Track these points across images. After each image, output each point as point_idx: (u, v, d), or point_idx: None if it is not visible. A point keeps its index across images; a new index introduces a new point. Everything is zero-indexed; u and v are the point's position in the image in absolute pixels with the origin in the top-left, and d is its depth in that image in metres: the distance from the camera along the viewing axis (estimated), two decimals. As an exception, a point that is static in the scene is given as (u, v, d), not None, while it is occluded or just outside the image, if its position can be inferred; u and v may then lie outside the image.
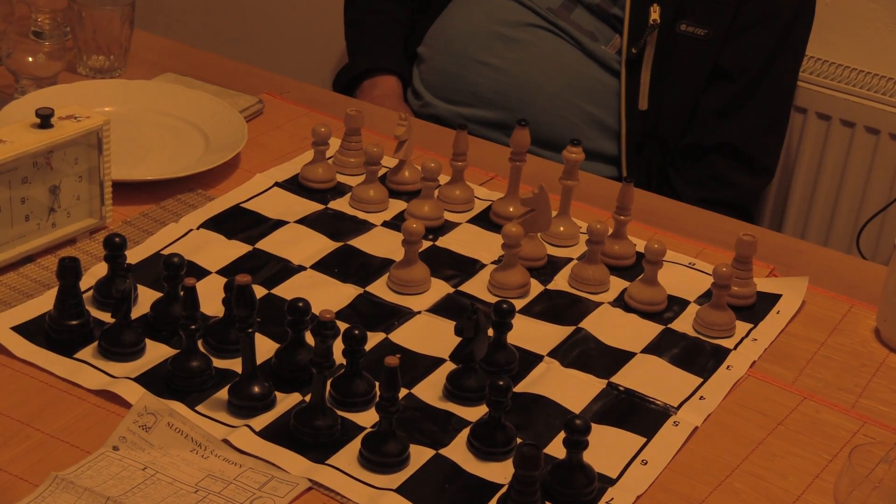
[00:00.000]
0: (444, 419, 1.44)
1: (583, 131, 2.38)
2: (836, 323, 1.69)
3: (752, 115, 2.44)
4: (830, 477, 1.39)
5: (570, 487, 1.33)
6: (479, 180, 1.94)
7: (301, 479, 1.33)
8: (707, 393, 1.53)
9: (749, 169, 2.46)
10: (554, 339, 1.59)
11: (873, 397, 1.55)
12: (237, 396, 1.41)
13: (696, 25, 2.37)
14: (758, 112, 2.44)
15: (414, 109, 2.50)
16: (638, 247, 1.77)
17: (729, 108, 2.42)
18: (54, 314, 1.51)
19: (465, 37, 2.47)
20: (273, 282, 1.65)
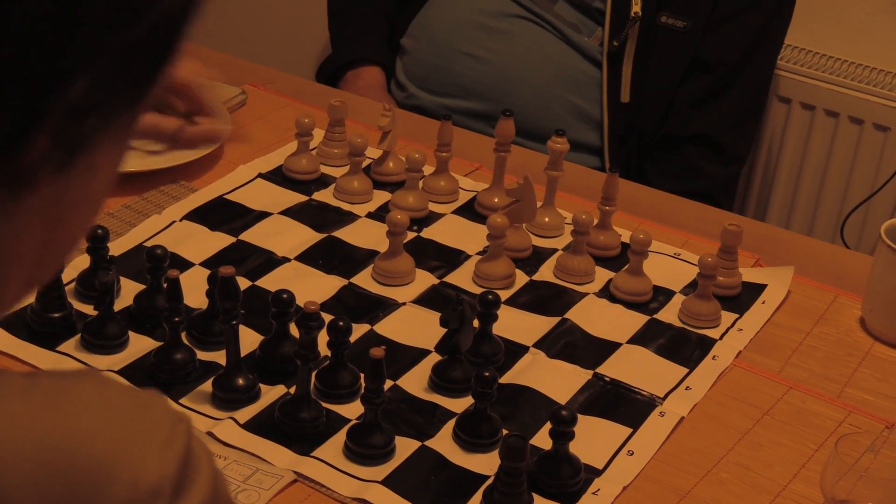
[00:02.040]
0: (429, 411, 1.44)
1: (567, 122, 2.38)
2: (821, 312, 1.69)
3: (728, 106, 2.44)
4: (816, 466, 1.39)
5: (556, 478, 1.33)
6: (463, 171, 1.93)
7: (286, 472, 1.32)
8: (693, 383, 1.52)
9: (721, 159, 2.45)
10: (539, 330, 1.59)
11: (859, 386, 1.55)
12: (221, 389, 1.41)
13: (677, 18, 2.37)
14: (733, 103, 2.44)
15: (398, 101, 2.49)
16: (623, 237, 1.77)
17: (704, 99, 2.42)
18: (36, 307, 1.50)
19: (448, 28, 2.46)
20: (257, 273, 1.64)
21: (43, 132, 0.66)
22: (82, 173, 0.70)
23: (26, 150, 0.66)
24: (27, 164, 0.67)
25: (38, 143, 0.67)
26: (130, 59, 0.69)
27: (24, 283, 0.75)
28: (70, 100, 0.66)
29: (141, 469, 0.69)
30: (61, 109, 0.66)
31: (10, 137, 0.65)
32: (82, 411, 0.71)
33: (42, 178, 0.68)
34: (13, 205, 0.68)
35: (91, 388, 0.72)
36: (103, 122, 0.69)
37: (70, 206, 0.72)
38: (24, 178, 0.67)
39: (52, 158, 0.68)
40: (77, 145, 0.69)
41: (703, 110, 2.42)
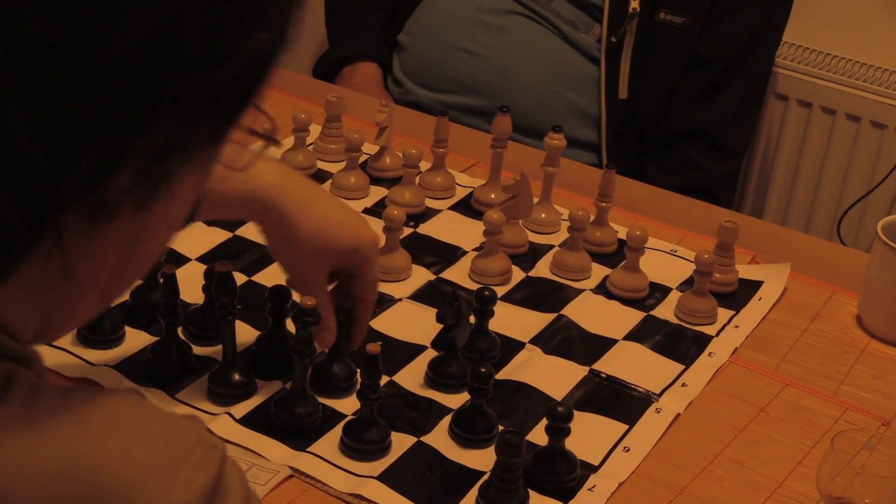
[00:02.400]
0: (425, 406, 1.44)
1: (563, 119, 2.38)
2: (817, 310, 1.69)
3: (726, 102, 2.44)
4: (813, 463, 1.39)
5: (552, 474, 1.33)
6: (460, 167, 1.93)
7: (282, 467, 1.32)
8: (689, 380, 1.52)
9: (719, 154, 2.45)
10: (536, 327, 1.59)
11: (855, 384, 1.55)
12: (217, 384, 1.41)
13: (675, 14, 2.37)
14: (731, 98, 2.44)
15: (394, 97, 2.49)
16: (620, 234, 1.77)
17: (702, 95, 2.42)
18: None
19: (445, 24, 2.46)
20: (253, 268, 1.64)
21: (126, 169, 0.67)
22: (162, 202, 0.71)
23: (110, 187, 0.67)
24: (110, 199, 0.68)
25: (122, 180, 0.67)
26: (216, 100, 0.69)
27: (97, 301, 0.76)
28: (154, 139, 0.67)
29: (163, 495, 0.69)
30: (145, 149, 0.67)
31: (94, 175, 0.66)
32: (111, 431, 0.70)
33: (124, 209, 0.69)
34: (94, 234, 0.69)
35: (124, 409, 0.72)
36: (186, 158, 0.70)
37: (147, 231, 0.73)
38: (107, 211, 0.68)
39: (134, 193, 0.68)
40: (160, 181, 0.69)
41: (701, 106, 2.42)
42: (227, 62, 0.69)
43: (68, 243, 0.68)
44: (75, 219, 0.68)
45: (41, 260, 0.69)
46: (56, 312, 0.74)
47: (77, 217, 0.68)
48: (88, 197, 0.67)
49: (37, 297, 0.72)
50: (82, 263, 0.71)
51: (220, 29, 0.68)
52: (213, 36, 0.68)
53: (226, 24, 0.68)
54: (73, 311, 0.75)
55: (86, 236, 0.70)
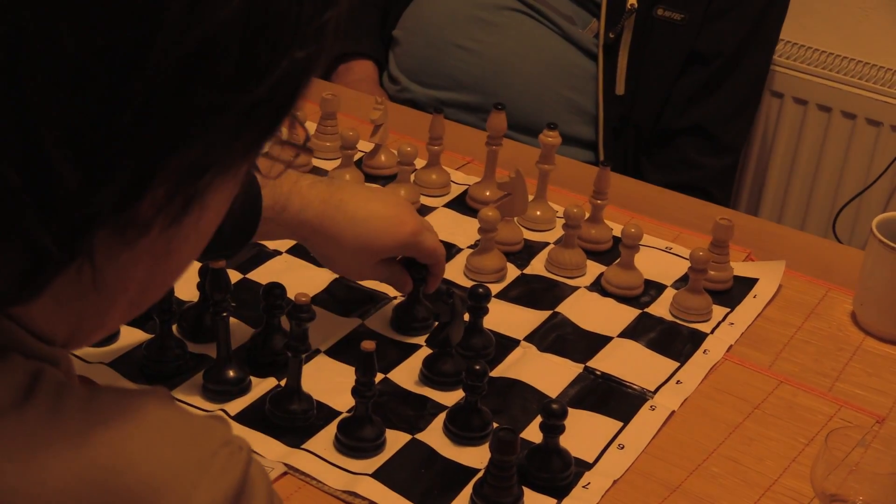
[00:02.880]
0: (420, 404, 1.44)
1: (560, 116, 2.38)
2: (812, 307, 1.69)
3: (723, 98, 2.44)
4: (807, 460, 1.39)
5: (547, 472, 1.33)
6: (455, 164, 1.93)
7: (276, 464, 1.32)
8: (684, 377, 1.52)
9: (714, 150, 2.45)
10: (530, 324, 1.59)
11: (850, 381, 1.55)
12: (212, 381, 1.41)
13: (673, 10, 2.37)
14: (729, 95, 2.44)
15: (390, 94, 2.49)
16: (615, 231, 1.77)
17: (701, 92, 2.42)
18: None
19: (441, 20, 2.46)
20: (248, 266, 1.64)
21: (159, 187, 0.67)
22: (194, 215, 0.71)
23: (142, 205, 0.67)
24: (142, 217, 0.68)
25: (155, 197, 0.67)
26: (251, 117, 0.69)
27: (127, 309, 0.76)
28: (186, 158, 0.67)
29: (188, 496, 0.69)
30: (177, 167, 0.67)
31: (127, 194, 0.66)
32: (137, 432, 0.70)
33: (156, 225, 0.69)
34: (124, 249, 0.69)
35: (151, 409, 0.72)
36: (219, 175, 0.70)
37: (180, 243, 0.74)
38: (138, 228, 0.68)
39: (167, 210, 0.68)
40: (192, 198, 0.69)
41: (697, 102, 2.42)
42: (261, 81, 0.68)
43: (100, 260, 0.68)
44: (107, 235, 0.68)
45: (72, 274, 0.68)
46: (85, 322, 0.74)
47: (109, 234, 0.68)
48: (121, 215, 0.67)
49: (67, 308, 0.72)
50: (112, 275, 0.71)
51: (256, 49, 0.67)
52: (248, 56, 0.67)
53: (261, 44, 0.67)
54: (102, 320, 0.75)
55: (117, 251, 0.70)
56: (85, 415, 0.70)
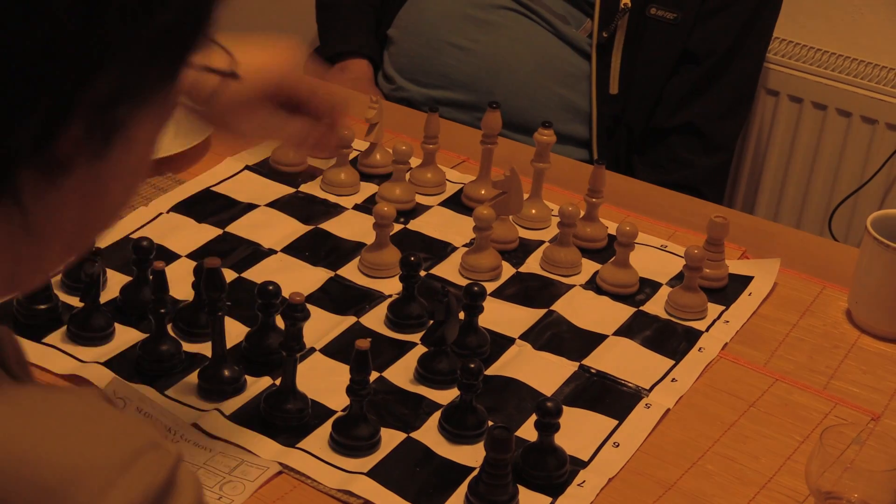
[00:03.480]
0: (415, 402, 1.44)
1: (554, 114, 2.38)
2: (807, 305, 1.69)
3: (715, 97, 2.44)
4: (802, 458, 1.39)
5: (542, 470, 1.33)
6: (450, 163, 1.93)
7: (271, 463, 1.32)
8: (679, 375, 1.52)
9: (705, 149, 2.45)
10: (526, 322, 1.59)
11: (845, 379, 1.55)
12: (207, 380, 1.41)
13: (666, 9, 2.37)
14: (721, 94, 2.44)
15: (385, 93, 2.49)
16: (610, 229, 1.77)
17: (692, 91, 2.42)
18: (22, 298, 1.49)
19: (436, 19, 2.46)
20: (243, 265, 1.64)
21: (76, 122, 0.67)
22: (120, 149, 0.71)
23: (61, 141, 0.67)
24: (63, 153, 0.68)
25: (73, 132, 0.68)
26: (159, 46, 0.70)
27: (64, 252, 0.75)
28: (100, 90, 0.67)
29: (103, 492, 0.68)
30: (92, 99, 0.67)
31: (44, 129, 0.66)
32: (56, 425, 0.70)
33: (79, 161, 0.69)
34: (50, 188, 0.69)
35: (74, 406, 0.72)
36: (136, 107, 0.70)
37: (109, 181, 0.73)
38: (61, 166, 0.69)
39: (87, 145, 0.69)
40: (111, 131, 0.70)
41: (690, 101, 2.42)
42: (166, 8, 0.69)
43: (26, 201, 0.68)
44: (30, 176, 0.68)
45: (1, 218, 0.69)
46: (22, 266, 0.74)
47: (32, 174, 0.68)
48: (41, 153, 0.67)
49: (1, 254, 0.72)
50: (43, 217, 0.71)
51: None
52: None
53: None
54: (39, 264, 0.75)
55: (44, 192, 0.69)
56: (5, 407, 0.70)
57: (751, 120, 2.86)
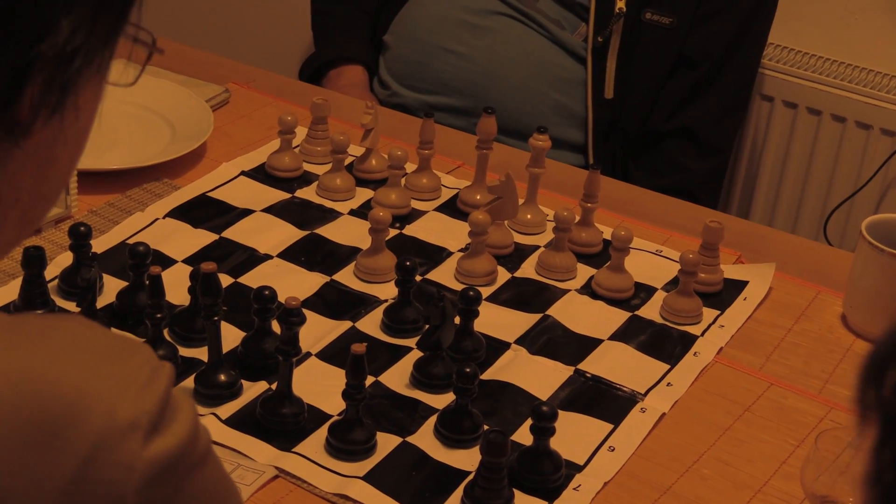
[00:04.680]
0: (410, 407, 1.44)
1: (549, 119, 2.38)
2: (802, 309, 1.69)
3: (711, 101, 2.44)
4: (797, 462, 1.40)
5: (538, 474, 1.33)
6: (445, 168, 1.93)
7: (267, 467, 1.32)
8: (674, 379, 1.53)
9: (701, 153, 2.45)
10: (521, 327, 1.59)
11: (840, 383, 1.56)
12: (203, 384, 1.41)
13: (662, 14, 2.37)
14: (716, 98, 2.44)
15: (380, 99, 2.49)
16: (605, 234, 1.77)
17: (689, 95, 2.42)
18: (19, 304, 1.50)
19: (430, 24, 2.46)
20: (239, 270, 1.64)
21: (36, 79, 0.72)
22: (70, 115, 0.76)
23: (23, 99, 0.72)
24: (24, 112, 0.72)
25: (32, 91, 0.72)
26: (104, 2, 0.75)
27: (19, 225, 0.79)
28: (57, 45, 0.72)
29: (119, 402, 0.72)
30: (50, 54, 0.72)
31: (8, 89, 0.71)
32: (65, 345, 0.74)
33: (35, 124, 0.73)
34: (12, 150, 0.74)
35: (76, 327, 0.76)
36: (86, 63, 0.75)
37: (60, 148, 0.77)
38: (22, 124, 0.73)
39: (45, 103, 0.73)
40: (66, 88, 0.74)
41: (685, 105, 2.42)
42: None
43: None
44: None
45: None
46: None
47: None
48: (5, 111, 0.72)
49: None
50: (4, 182, 0.75)
51: None
52: None
53: None
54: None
55: (6, 154, 0.74)
56: (9, 333, 0.74)
57: (746, 125, 2.86)
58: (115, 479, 0.71)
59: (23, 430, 0.70)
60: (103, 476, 0.71)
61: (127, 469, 0.72)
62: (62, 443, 0.70)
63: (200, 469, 0.77)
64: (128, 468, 0.72)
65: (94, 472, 0.71)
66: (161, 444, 0.73)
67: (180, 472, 0.75)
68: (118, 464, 0.71)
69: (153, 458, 0.73)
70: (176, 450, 0.74)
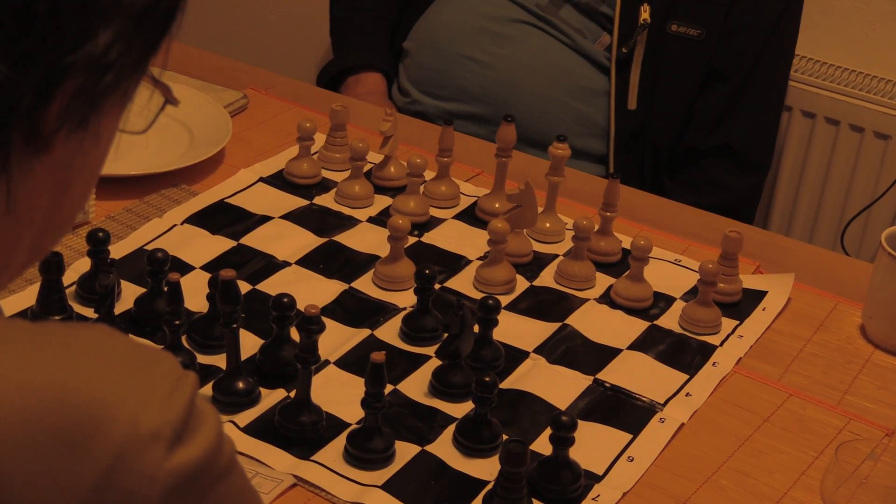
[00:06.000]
0: (429, 415, 1.44)
1: (570, 129, 2.37)
2: (821, 320, 1.69)
3: (747, 116, 2.43)
4: (817, 473, 1.39)
5: (557, 484, 1.33)
6: (464, 176, 1.93)
7: (286, 476, 1.32)
8: (693, 389, 1.52)
9: (742, 169, 2.44)
10: (540, 336, 1.59)
11: (859, 394, 1.55)
12: (221, 392, 1.41)
13: (689, 26, 2.36)
14: (753, 112, 2.43)
15: (399, 106, 2.49)
16: (624, 243, 1.77)
17: (723, 110, 2.41)
18: (37, 309, 1.50)
19: (451, 32, 2.46)
20: (258, 277, 1.64)
21: (66, 87, 0.72)
22: (90, 139, 0.75)
23: (50, 108, 0.72)
24: (48, 122, 0.72)
25: (62, 99, 0.72)
26: (143, 21, 0.75)
27: (30, 249, 0.79)
28: (93, 55, 0.72)
29: (142, 411, 0.72)
30: (84, 64, 0.72)
31: (38, 93, 0.71)
32: (88, 354, 0.73)
33: (59, 137, 0.73)
34: (33, 163, 0.73)
35: (99, 336, 0.75)
36: (116, 82, 0.75)
37: (76, 172, 0.77)
38: (45, 136, 0.73)
39: (71, 115, 0.73)
40: (92, 105, 0.74)
41: (723, 121, 2.41)
42: None
43: (13, 167, 0.72)
44: (19, 144, 0.72)
45: None
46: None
47: (21, 140, 0.72)
48: (32, 117, 0.71)
49: None
50: (22, 196, 0.74)
51: None
52: None
53: None
54: (9, 258, 0.78)
55: (27, 166, 0.73)
56: (34, 342, 0.73)
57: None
58: (136, 489, 0.71)
59: (45, 439, 0.70)
60: (125, 486, 0.71)
61: (149, 480, 0.71)
62: (84, 452, 0.70)
63: (224, 481, 0.77)
64: (150, 479, 0.71)
65: (115, 482, 0.71)
66: (184, 455, 0.73)
67: (203, 484, 0.74)
68: (140, 474, 0.71)
69: (176, 470, 0.72)
70: (199, 461, 0.74)
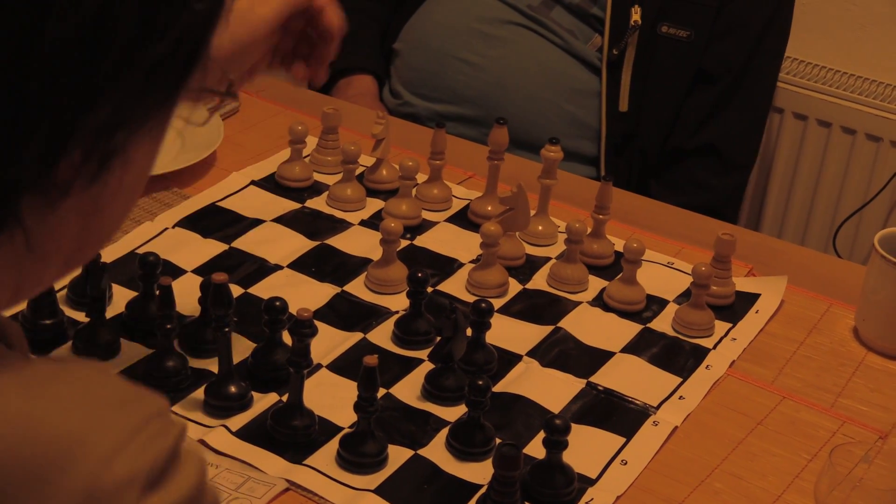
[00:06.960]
0: (422, 419, 1.43)
1: (562, 130, 2.37)
2: (814, 322, 1.69)
3: (733, 117, 2.43)
4: (811, 476, 1.39)
5: (550, 488, 1.33)
6: (457, 179, 1.93)
7: (278, 480, 1.32)
8: (686, 392, 1.52)
9: (725, 170, 2.44)
10: (533, 339, 1.59)
11: (852, 396, 1.55)
12: (213, 396, 1.40)
13: (679, 28, 2.36)
14: (738, 113, 2.43)
15: (390, 108, 2.48)
16: (617, 246, 1.76)
17: (710, 111, 2.41)
18: (27, 313, 1.49)
19: (443, 33, 2.45)
20: (250, 281, 1.64)
21: (75, 148, 0.69)
22: (117, 172, 0.73)
23: (61, 166, 0.69)
24: (62, 179, 0.70)
25: (72, 158, 0.69)
26: (156, 73, 0.71)
27: (64, 266, 0.77)
28: (98, 117, 0.69)
29: (119, 452, 0.70)
30: (91, 127, 0.69)
31: (45, 157, 0.68)
32: (71, 391, 0.71)
33: (77, 186, 0.71)
34: (50, 210, 0.71)
35: (87, 374, 0.74)
36: (133, 133, 0.72)
37: (107, 199, 0.75)
38: (60, 190, 0.70)
39: (85, 170, 0.70)
40: (109, 157, 0.71)
41: (708, 121, 2.41)
42: (163, 36, 0.70)
43: (28, 223, 0.70)
44: (32, 199, 0.70)
45: (5, 241, 0.70)
46: (25, 282, 0.76)
47: (34, 198, 0.70)
48: (42, 179, 0.69)
49: (5, 273, 0.74)
50: (44, 237, 0.73)
51: (155, 5, 0.69)
52: (147, 13, 0.69)
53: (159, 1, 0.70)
54: (39, 279, 0.77)
55: (43, 214, 0.71)
56: (16, 378, 0.71)
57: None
58: None
59: (14, 473, 0.68)
60: None
61: None
62: (53, 490, 0.68)
63: None
64: None
65: None
66: (157, 501, 0.71)
67: None
68: None
69: None
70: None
